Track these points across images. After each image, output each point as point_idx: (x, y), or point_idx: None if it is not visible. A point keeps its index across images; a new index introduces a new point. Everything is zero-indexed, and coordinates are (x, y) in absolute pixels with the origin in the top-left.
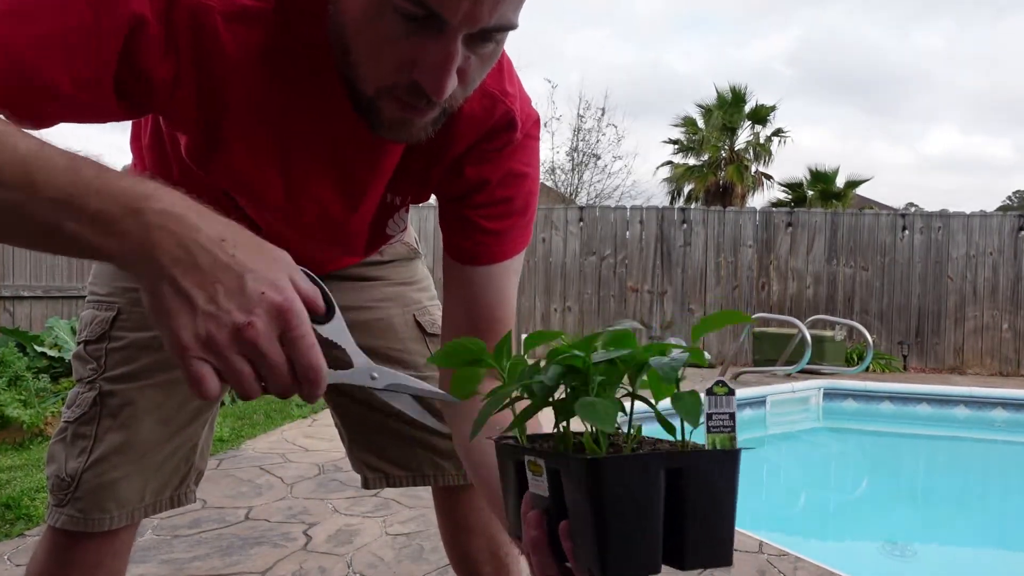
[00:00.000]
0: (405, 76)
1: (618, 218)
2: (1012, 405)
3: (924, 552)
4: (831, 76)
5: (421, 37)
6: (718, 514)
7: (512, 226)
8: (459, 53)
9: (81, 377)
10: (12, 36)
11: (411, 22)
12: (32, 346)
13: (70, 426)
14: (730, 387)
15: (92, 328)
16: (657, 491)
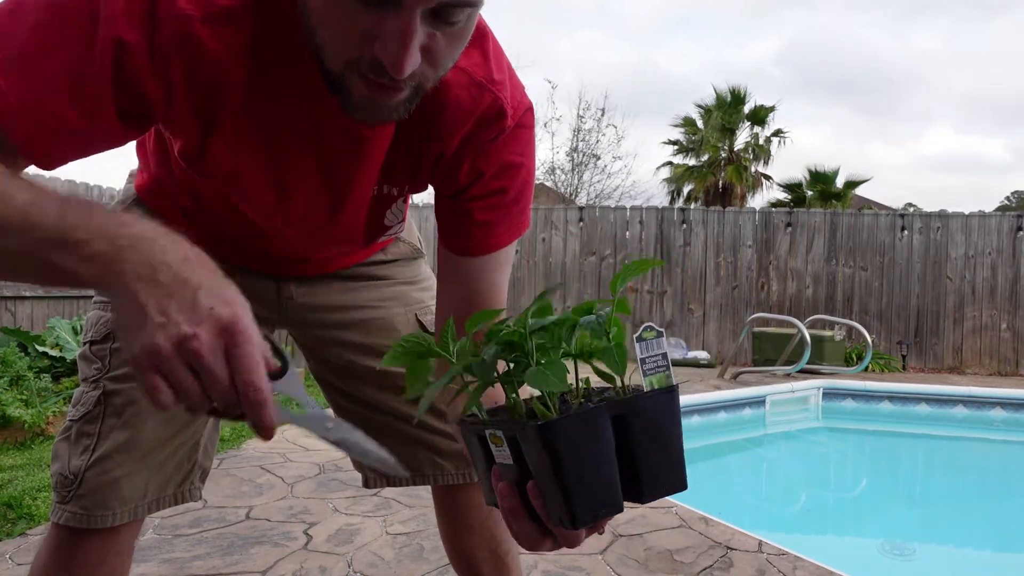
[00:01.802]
0: (367, 51)
1: (618, 218)
2: (1011, 405)
3: (923, 551)
4: (828, 77)
5: (379, 12)
6: (666, 447)
7: (505, 215)
8: (418, 30)
9: (86, 376)
10: (18, 82)
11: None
12: (34, 346)
13: (74, 424)
14: (659, 330)
15: (97, 328)
16: (607, 440)
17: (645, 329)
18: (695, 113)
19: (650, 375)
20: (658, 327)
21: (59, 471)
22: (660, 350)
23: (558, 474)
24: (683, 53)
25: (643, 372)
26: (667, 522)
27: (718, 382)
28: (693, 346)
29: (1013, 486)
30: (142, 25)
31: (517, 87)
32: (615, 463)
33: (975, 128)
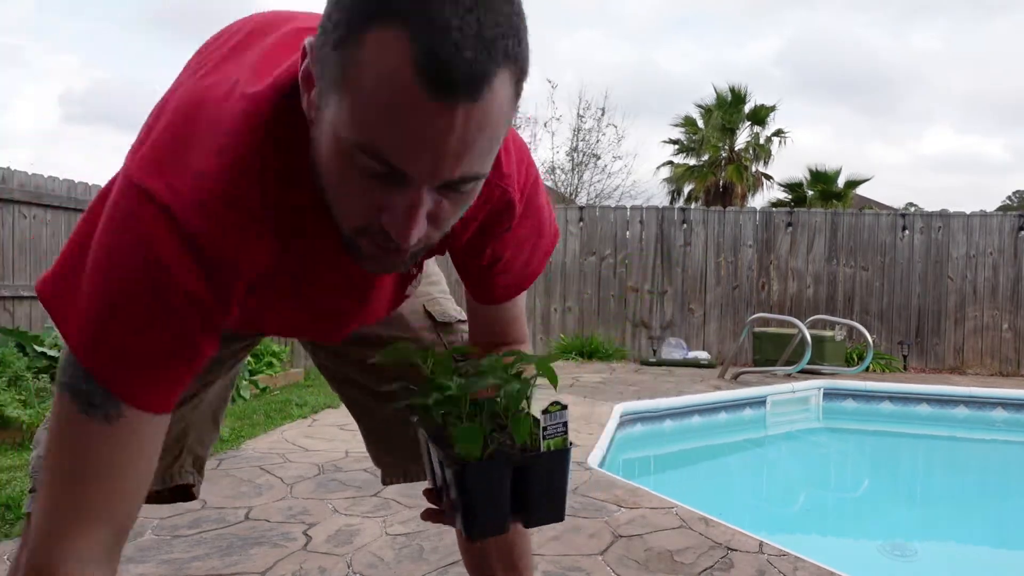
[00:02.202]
0: (375, 221)
1: (618, 218)
2: (1012, 405)
3: (924, 552)
4: (829, 77)
5: (387, 188)
6: (551, 492)
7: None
8: (425, 203)
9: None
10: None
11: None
12: (32, 346)
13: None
14: (563, 405)
15: None
16: (505, 484)
17: (552, 404)
18: (695, 113)
19: (548, 439)
20: (563, 403)
21: (39, 454)
22: (562, 419)
23: (463, 500)
24: (683, 53)
25: (543, 436)
26: (667, 522)
27: (718, 382)
28: (693, 346)
29: (1014, 486)
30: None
31: (523, 162)
32: (507, 500)
33: (976, 128)
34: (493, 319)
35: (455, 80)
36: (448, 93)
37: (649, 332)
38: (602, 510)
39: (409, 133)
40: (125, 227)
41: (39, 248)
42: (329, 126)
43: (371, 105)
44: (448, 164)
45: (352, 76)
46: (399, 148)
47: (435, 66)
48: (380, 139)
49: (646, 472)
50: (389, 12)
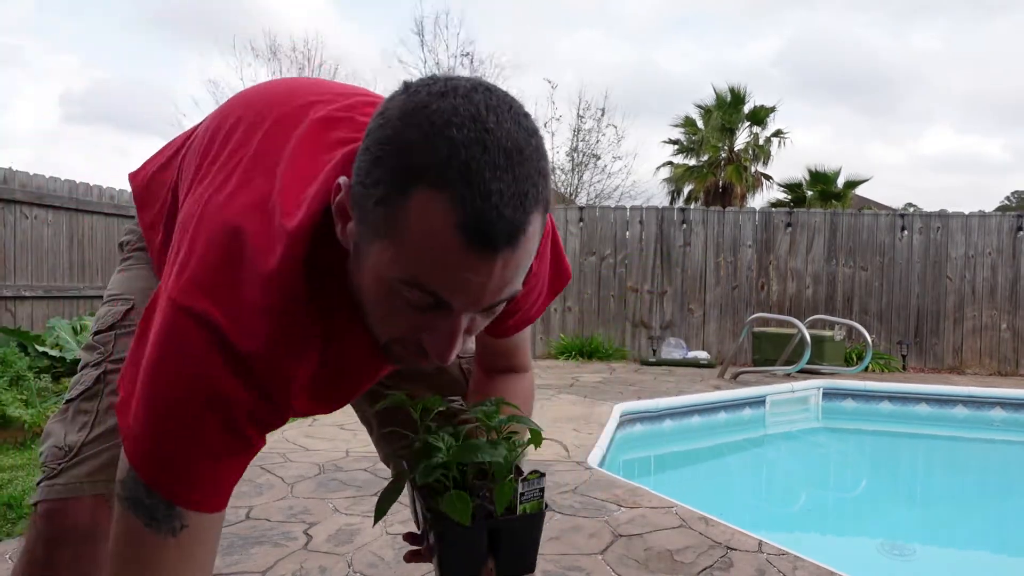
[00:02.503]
0: (414, 336)
1: (618, 218)
2: (1011, 405)
3: (923, 552)
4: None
5: (428, 315)
6: (524, 550)
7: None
8: (463, 325)
9: (87, 363)
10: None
11: (418, 307)
12: (33, 346)
13: (71, 403)
14: (541, 473)
15: (104, 319)
16: (482, 541)
17: (531, 472)
18: (695, 113)
19: (524, 503)
20: (541, 472)
21: (53, 444)
22: (539, 486)
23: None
24: (683, 53)
25: (519, 500)
26: (667, 522)
27: (718, 382)
28: (693, 346)
29: (1013, 486)
30: (254, 396)
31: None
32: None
33: (975, 128)
34: (499, 349)
35: (496, 237)
36: (491, 249)
37: (649, 332)
38: (602, 510)
39: (455, 279)
40: (177, 349)
41: (40, 248)
42: (372, 265)
43: (417, 256)
44: (488, 297)
45: (398, 230)
46: (445, 288)
47: (479, 227)
48: (427, 279)
49: (646, 472)
50: (432, 177)
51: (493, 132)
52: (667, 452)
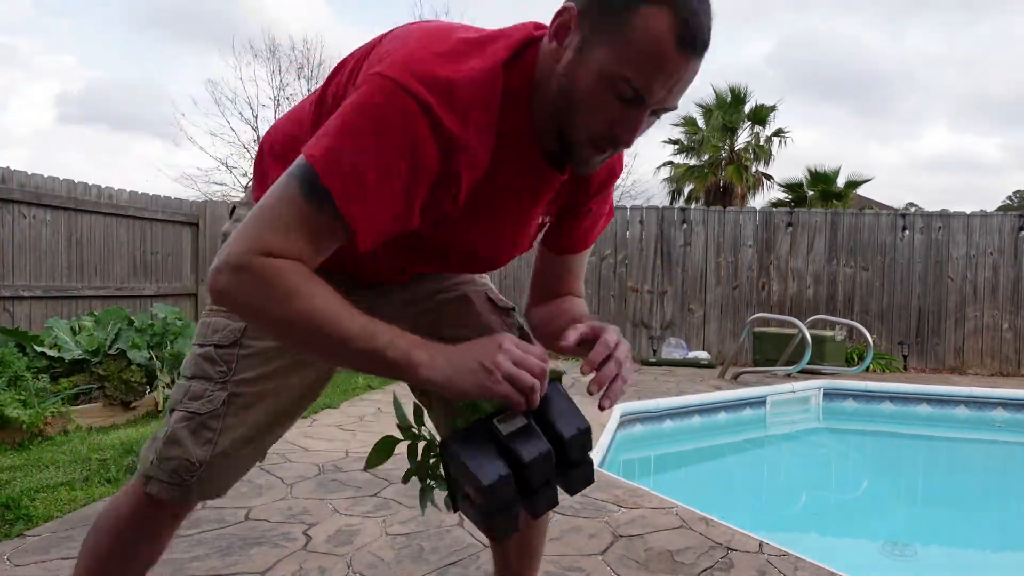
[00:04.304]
0: (608, 130)
1: (618, 218)
2: (1012, 405)
3: (924, 552)
4: (829, 77)
5: (627, 107)
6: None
7: (595, 224)
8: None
9: (207, 375)
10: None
11: (623, 98)
12: (32, 346)
13: (197, 417)
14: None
15: (224, 334)
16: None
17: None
18: (696, 112)
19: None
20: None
21: (183, 456)
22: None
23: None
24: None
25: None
26: (667, 522)
27: (718, 382)
28: (693, 346)
29: (1014, 487)
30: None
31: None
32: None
33: (975, 128)
34: (562, 270)
35: (697, 43)
36: (692, 51)
37: (649, 332)
38: (602, 510)
39: (661, 74)
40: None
41: (39, 248)
42: (596, 63)
43: (638, 51)
44: (671, 96)
45: (624, 34)
46: (650, 83)
47: (687, 34)
48: (639, 75)
49: (646, 472)
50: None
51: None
52: (667, 452)
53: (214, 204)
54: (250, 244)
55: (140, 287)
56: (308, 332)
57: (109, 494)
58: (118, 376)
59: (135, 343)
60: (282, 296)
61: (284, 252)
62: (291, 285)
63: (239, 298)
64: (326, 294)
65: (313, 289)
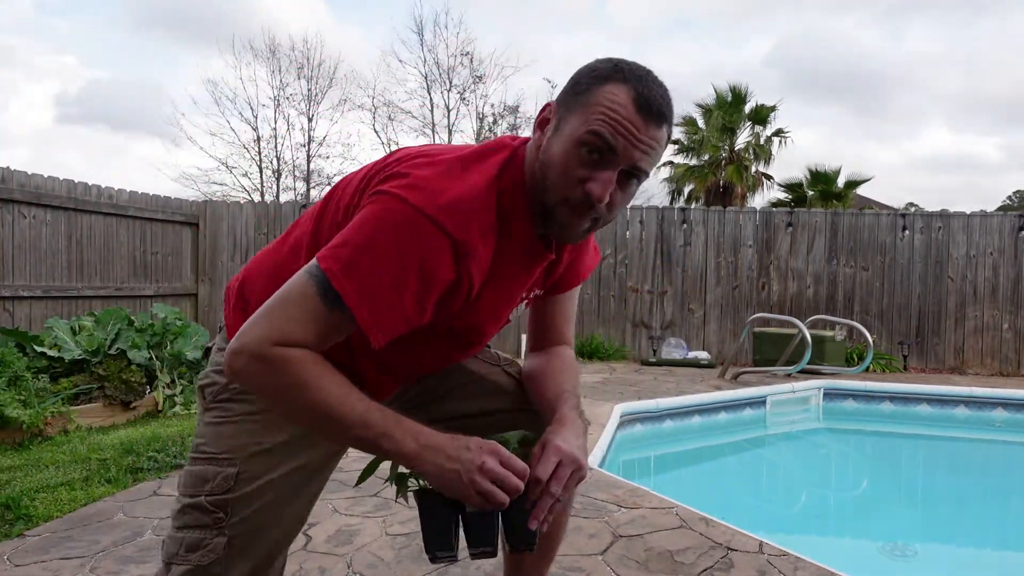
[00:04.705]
0: (581, 188)
1: (618, 218)
2: (1012, 405)
3: (924, 552)
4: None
5: (597, 165)
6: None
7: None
8: (613, 180)
9: (203, 524)
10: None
11: (592, 154)
12: (32, 346)
13: (199, 569)
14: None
15: (216, 483)
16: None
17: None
18: (696, 113)
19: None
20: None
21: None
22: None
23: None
24: (683, 54)
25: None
26: (667, 522)
27: (719, 382)
28: (693, 346)
29: (1015, 487)
30: (453, 263)
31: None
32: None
33: (975, 128)
34: (553, 311)
35: (653, 108)
36: (648, 114)
37: (649, 332)
38: (602, 510)
39: (622, 127)
40: (403, 227)
41: (39, 248)
42: (568, 132)
43: (601, 112)
44: (636, 154)
45: (592, 103)
46: (614, 134)
47: (645, 101)
48: (604, 127)
49: (646, 472)
50: (618, 78)
51: (649, 71)
52: (667, 452)
53: (214, 204)
54: (268, 333)
55: (140, 287)
56: (315, 418)
57: (109, 494)
58: (118, 376)
59: (135, 343)
60: (294, 385)
61: (298, 342)
62: (303, 377)
63: (255, 383)
64: (333, 384)
65: (322, 380)
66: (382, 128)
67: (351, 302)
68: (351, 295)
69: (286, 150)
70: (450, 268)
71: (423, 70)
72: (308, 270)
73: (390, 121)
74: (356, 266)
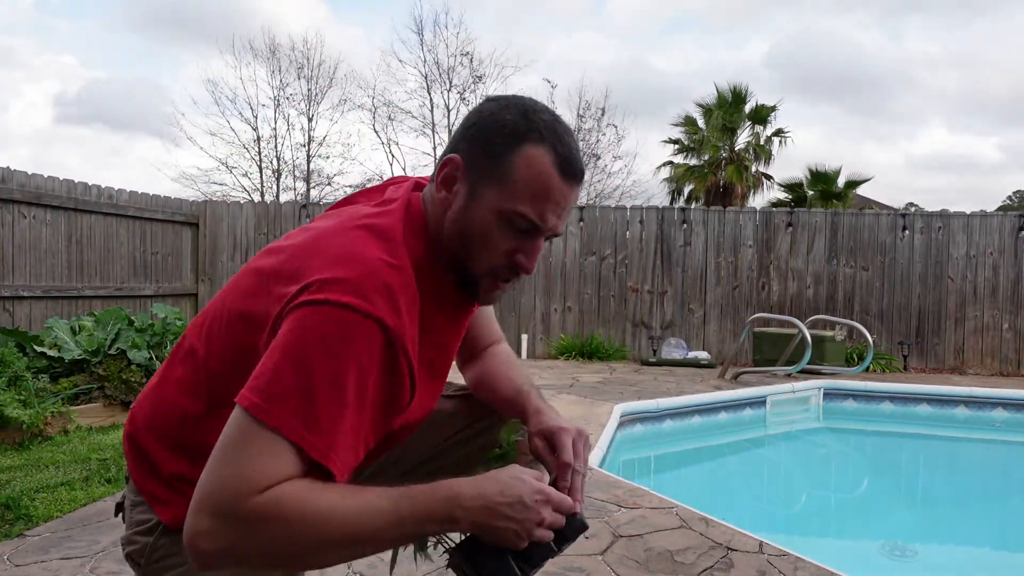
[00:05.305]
0: (509, 261)
1: (618, 218)
2: (1012, 405)
3: (924, 552)
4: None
5: (524, 238)
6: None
7: None
8: (542, 245)
9: None
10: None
11: (520, 232)
12: (32, 346)
13: None
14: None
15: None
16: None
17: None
18: (696, 112)
19: None
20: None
21: None
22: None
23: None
24: (683, 54)
25: None
26: (667, 522)
27: (719, 382)
28: (693, 346)
29: (1015, 487)
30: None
31: None
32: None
33: (974, 128)
34: (476, 323)
35: (577, 172)
36: (574, 179)
37: (649, 332)
38: (602, 510)
39: (550, 202)
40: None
41: (39, 248)
42: (490, 205)
43: (526, 189)
44: (561, 220)
45: (510, 174)
46: (543, 212)
47: (568, 165)
48: (532, 207)
49: (646, 472)
50: (534, 137)
51: (557, 116)
52: (667, 452)
53: (214, 204)
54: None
55: (140, 287)
56: (342, 550)
57: (109, 494)
58: (118, 376)
59: (135, 343)
60: (302, 528)
61: (279, 478)
62: (309, 512)
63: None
64: (344, 498)
65: (332, 501)
66: (382, 128)
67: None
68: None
69: (286, 150)
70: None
71: (423, 70)
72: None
73: (390, 121)
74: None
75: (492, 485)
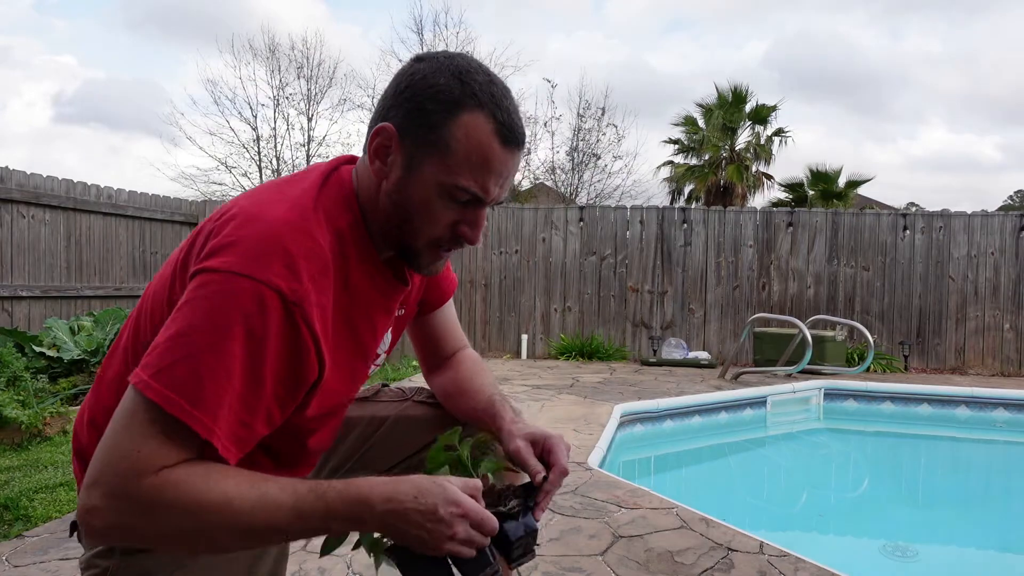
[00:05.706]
0: (450, 232)
1: (618, 218)
2: (1013, 405)
3: (925, 553)
4: (831, 78)
5: (466, 209)
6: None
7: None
8: (486, 214)
9: None
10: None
11: (462, 204)
12: (31, 346)
13: None
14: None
15: None
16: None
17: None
18: (696, 112)
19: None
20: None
21: None
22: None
23: None
24: (683, 53)
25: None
26: (668, 523)
27: (719, 382)
28: (694, 346)
29: (1016, 487)
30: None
31: None
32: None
33: (974, 128)
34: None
35: (518, 138)
36: (515, 146)
37: (649, 332)
38: (602, 510)
39: (492, 174)
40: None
41: (38, 248)
42: (428, 177)
43: (467, 159)
44: (503, 189)
45: (452, 146)
46: (485, 183)
47: (509, 131)
48: (474, 179)
49: (646, 472)
50: (470, 103)
51: (493, 76)
52: (668, 453)
53: (213, 204)
54: (128, 467)
55: (139, 287)
56: (234, 538)
57: None
58: None
59: None
60: (192, 514)
61: (168, 459)
62: (200, 497)
63: (135, 535)
64: (240, 487)
65: (226, 489)
66: None
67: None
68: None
69: (286, 150)
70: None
71: None
72: (133, 397)
73: None
74: (171, 365)
75: (408, 489)
